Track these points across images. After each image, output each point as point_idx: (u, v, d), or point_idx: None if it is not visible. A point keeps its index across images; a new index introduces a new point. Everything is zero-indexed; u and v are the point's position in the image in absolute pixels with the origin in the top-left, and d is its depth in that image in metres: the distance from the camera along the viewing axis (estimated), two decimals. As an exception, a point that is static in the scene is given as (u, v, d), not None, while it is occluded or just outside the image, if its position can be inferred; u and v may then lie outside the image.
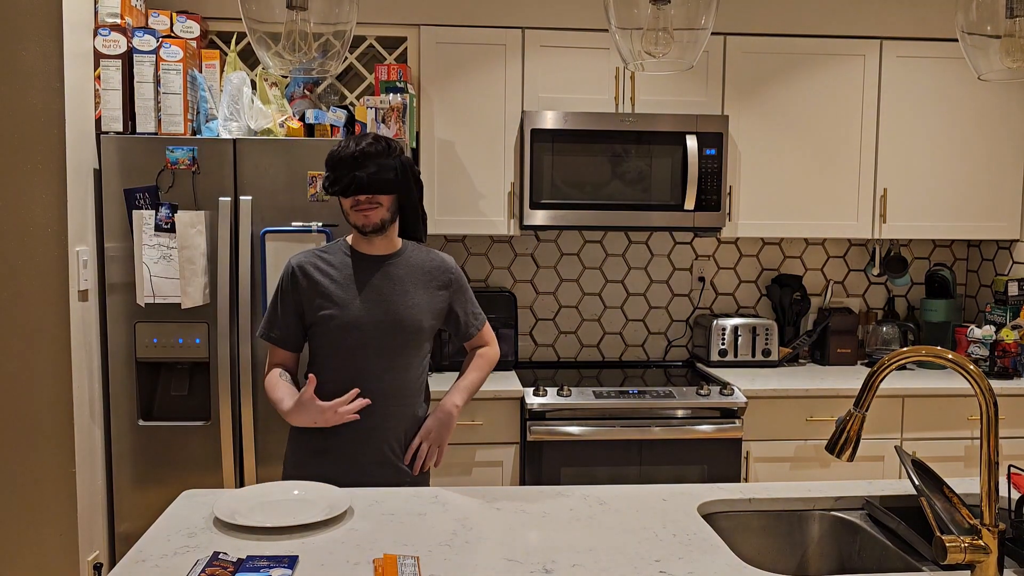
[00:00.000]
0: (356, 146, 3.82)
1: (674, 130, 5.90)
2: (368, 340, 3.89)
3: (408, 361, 3.97)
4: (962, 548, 2.50)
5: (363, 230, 3.90)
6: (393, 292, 3.94)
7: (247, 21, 3.17)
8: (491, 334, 4.36)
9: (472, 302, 4.25)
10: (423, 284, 4.01)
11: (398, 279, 3.97)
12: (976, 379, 2.53)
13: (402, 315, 3.91)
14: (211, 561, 2.72)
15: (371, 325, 3.89)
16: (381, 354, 3.90)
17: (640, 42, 3.16)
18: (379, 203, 3.86)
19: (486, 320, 4.33)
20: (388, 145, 3.88)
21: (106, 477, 5.18)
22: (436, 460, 4.06)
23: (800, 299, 6.69)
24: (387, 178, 3.84)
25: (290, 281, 3.99)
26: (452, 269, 4.13)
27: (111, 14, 5.09)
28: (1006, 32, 3.15)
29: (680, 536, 3.04)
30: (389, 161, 3.86)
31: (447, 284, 4.10)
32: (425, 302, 4.00)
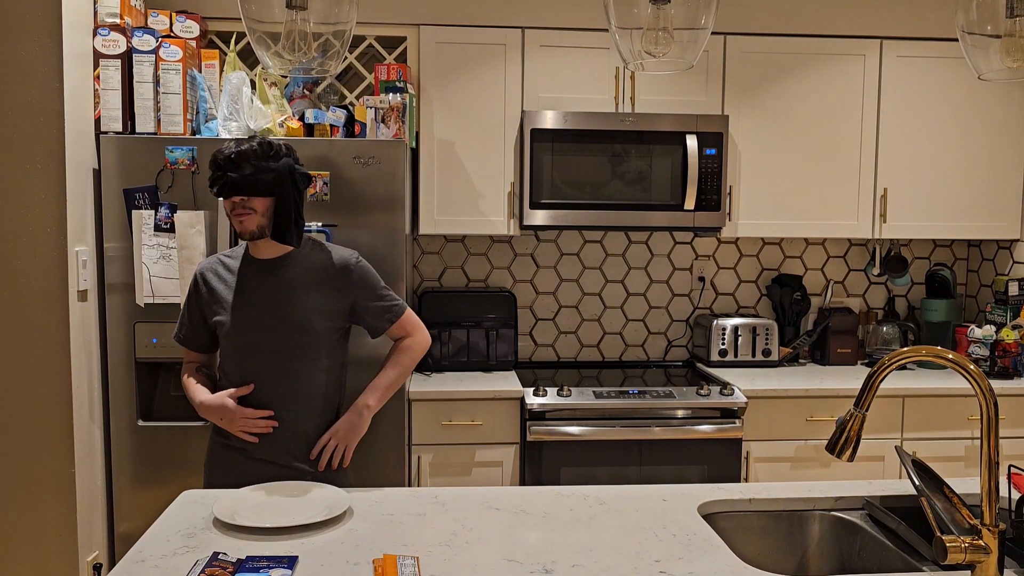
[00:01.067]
0: (236, 147, 3.79)
1: (674, 130, 5.90)
2: (255, 345, 3.90)
3: (300, 366, 3.93)
4: (962, 548, 2.49)
5: (241, 236, 3.89)
6: (280, 295, 3.91)
7: (247, 21, 3.16)
8: (413, 322, 4.21)
9: (380, 295, 4.10)
10: (316, 284, 3.96)
11: (287, 281, 3.94)
12: (976, 379, 2.53)
13: (289, 318, 3.89)
14: (211, 561, 2.72)
15: (255, 330, 3.89)
16: (270, 359, 3.90)
17: (640, 42, 3.16)
18: (252, 209, 3.82)
19: (405, 308, 4.18)
20: (270, 147, 3.84)
21: (105, 477, 5.18)
22: (344, 461, 4.01)
23: (800, 299, 6.69)
24: (261, 180, 3.80)
25: (193, 287, 4.05)
26: (349, 265, 4.03)
27: (110, 14, 5.09)
28: (1006, 32, 3.15)
29: (680, 536, 3.04)
30: (266, 163, 3.81)
31: (343, 282, 4.00)
32: (316, 303, 3.94)
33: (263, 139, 3.83)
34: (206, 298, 3.98)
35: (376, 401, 4.04)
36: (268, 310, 3.88)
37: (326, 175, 5.04)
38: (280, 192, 3.83)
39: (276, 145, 3.86)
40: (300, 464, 3.91)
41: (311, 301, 3.91)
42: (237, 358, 3.92)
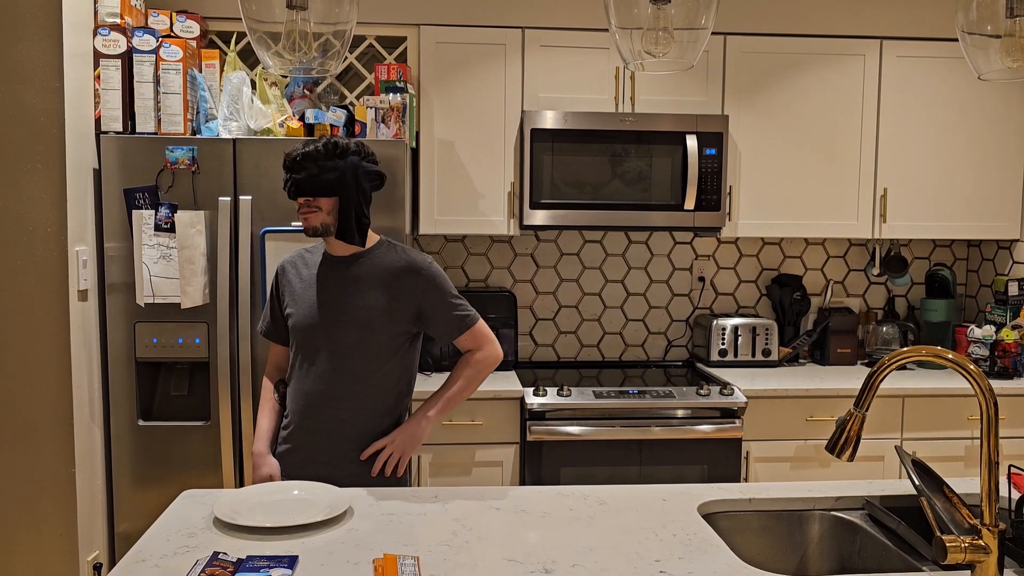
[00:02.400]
0: (302, 147, 3.84)
1: (674, 130, 5.90)
2: (315, 339, 3.94)
3: (359, 365, 3.93)
4: (962, 548, 2.50)
5: (305, 232, 3.92)
6: (346, 293, 3.93)
7: (247, 21, 3.17)
8: (485, 334, 4.14)
9: (449, 303, 4.05)
10: (383, 285, 3.94)
11: (356, 280, 3.95)
12: (976, 379, 2.53)
13: (350, 315, 3.91)
14: (211, 561, 2.72)
15: (317, 325, 3.92)
16: (329, 355, 3.93)
17: (640, 42, 3.16)
18: (317, 207, 3.86)
19: (477, 320, 4.12)
20: (336, 147, 3.86)
21: (106, 477, 5.18)
22: (398, 470, 3.99)
23: (800, 299, 6.69)
24: (324, 180, 3.82)
25: (274, 280, 4.16)
26: (420, 269, 4.00)
27: (111, 14, 5.09)
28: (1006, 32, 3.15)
29: (680, 536, 3.04)
30: (331, 163, 3.84)
31: (411, 284, 3.97)
32: (380, 303, 3.92)
33: (330, 139, 3.86)
34: (282, 291, 4.09)
35: (436, 412, 4.04)
36: (331, 306, 3.92)
37: (326, 175, 5.04)
38: (343, 192, 3.85)
39: (343, 144, 3.88)
40: (352, 466, 3.93)
41: (375, 300, 3.91)
42: (299, 352, 3.98)
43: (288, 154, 3.86)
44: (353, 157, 3.88)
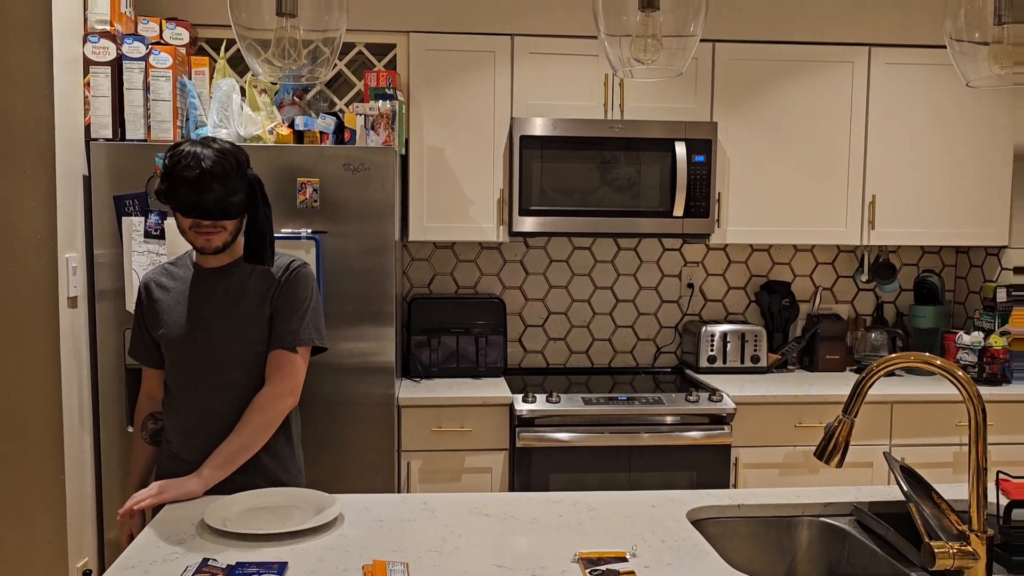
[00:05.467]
0: (201, 163, 3.54)
1: (663, 137, 5.92)
2: (192, 356, 3.78)
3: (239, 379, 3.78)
4: (950, 554, 2.50)
5: (202, 251, 3.75)
6: (223, 305, 3.77)
7: (237, 28, 3.17)
8: (293, 367, 3.78)
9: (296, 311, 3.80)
10: (262, 296, 3.79)
11: (230, 290, 3.79)
12: (964, 385, 2.54)
13: (231, 330, 3.76)
14: (200, 568, 2.72)
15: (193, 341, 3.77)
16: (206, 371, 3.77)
17: (629, 49, 3.16)
18: (223, 227, 3.67)
19: (306, 345, 3.81)
20: (237, 162, 3.64)
21: (95, 483, 5.17)
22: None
23: (789, 305, 6.70)
24: (235, 201, 3.63)
25: (138, 299, 3.93)
26: (287, 268, 3.84)
27: (100, 21, 5.09)
28: (994, 39, 3.16)
29: (669, 542, 3.04)
30: (237, 182, 3.63)
31: (277, 287, 3.79)
32: (263, 313, 3.78)
33: (224, 149, 3.63)
34: (148, 310, 3.86)
35: (212, 470, 3.61)
36: (209, 320, 3.76)
37: (316, 182, 5.04)
38: (252, 210, 3.71)
39: (241, 155, 3.69)
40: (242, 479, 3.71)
41: (254, 311, 3.78)
42: (175, 369, 3.82)
43: (179, 165, 3.57)
44: (251, 171, 3.73)
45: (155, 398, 4.02)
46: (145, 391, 4.03)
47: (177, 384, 3.84)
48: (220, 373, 3.77)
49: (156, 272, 3.92)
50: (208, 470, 3.60)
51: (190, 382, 3.80)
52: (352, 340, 5.14)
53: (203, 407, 3.78)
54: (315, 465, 5.11)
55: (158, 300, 3.84)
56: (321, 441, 5.19)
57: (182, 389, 3.82)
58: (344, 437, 5.21)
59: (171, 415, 3.88)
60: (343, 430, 5.21)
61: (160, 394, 4.00)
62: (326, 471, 5.18)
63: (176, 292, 3.83)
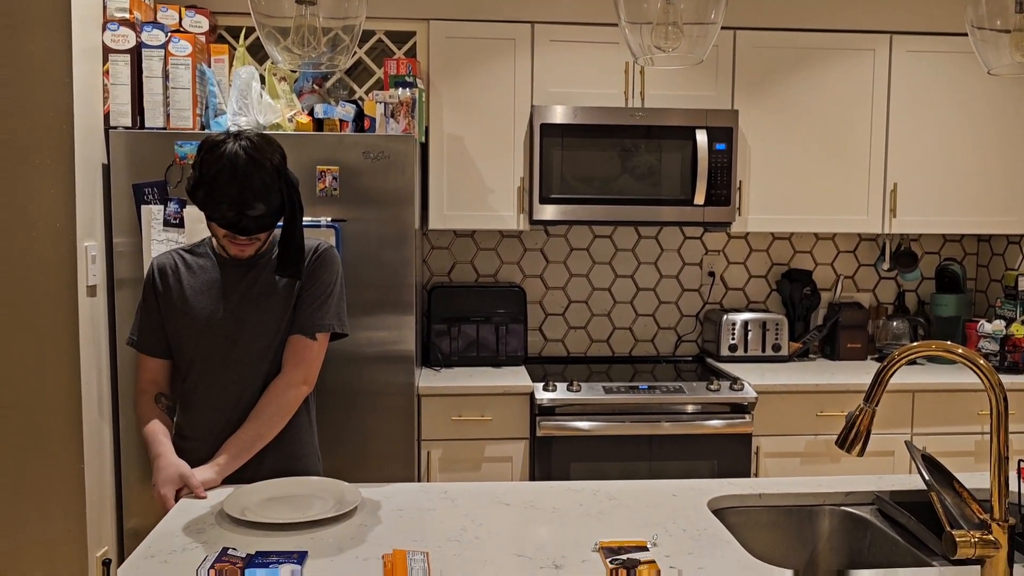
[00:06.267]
0: (246, 182, 3.43)
1: (684, 125, 5.90)
2: (221, 350, 3.72)
3: (271, 371, 3.75)
4: (972, 543, 2.49)
5: (235, 257, 3.70)
6: (250, 297, 3.72)
7: (256, 16, 3.16)
8: (312, 354, 3.75)
9: (322, 298, 3.76)
10: (288, 283, 3.73)
11: (261, 282, 3.74)
12: (986, 374, 2.53)
13: (260, 322, 3.71)
14: (220, 557, 2.72)
15: (225, 334, 3.71)
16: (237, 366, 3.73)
17: (650, 36, 3.15)
18: (259, 238, 3.64)
19: (326, 331, 3.78)
20: (277, 172, 3.54)
21: (115, 473, 5.17)
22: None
23: (810, 294, 6.68)
24: (274, 212, 3.55)
25: (149, 285, 3.82)
26: (313, 251, 3.78)
27: (120, 8, 5.09)
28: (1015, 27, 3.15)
29: (690, 531, 3.04)
30: (276, 195, 3.53)
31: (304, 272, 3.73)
32: (291, 304, 3.74)
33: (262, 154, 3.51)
34: (165, 297, 3.77)
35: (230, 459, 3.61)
36: (240, 313, 3.72)
37: (335, 170, 5.04)
38: (289, 218, 3.61)
39: (277, 159, 3.58)
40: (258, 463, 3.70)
41: (285, 301, 3.74)
42: (198, 361, 3.75)
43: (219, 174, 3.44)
44: (287, 177, 3.61)
45: (160, 385, 3.86)
46: (149, 379, 3.86)
47: (200, 377, 3.77)
48: (250, 365, 3.73)
49: (170, 257, 3.82)
50: (224, 459, 3.58)
51: (215, 376, 3.74)
52: (372, 329, 5.14)
53: (229, 400, 3.74)
54: (334, 454, 5.11)
55: (175, 288, 3.75)
56: (341, 430, 5.19)
57: (206, 384, 3.76)
58: (364, 426, 5.21)
59: (189, 409, 3.82)
60: (363, 419, 5.21)
61: (164, 382, 3.88)
62: (346, 460, 5.18)
63: (201, 281, 3.76)
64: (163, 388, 3.87)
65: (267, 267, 3.75)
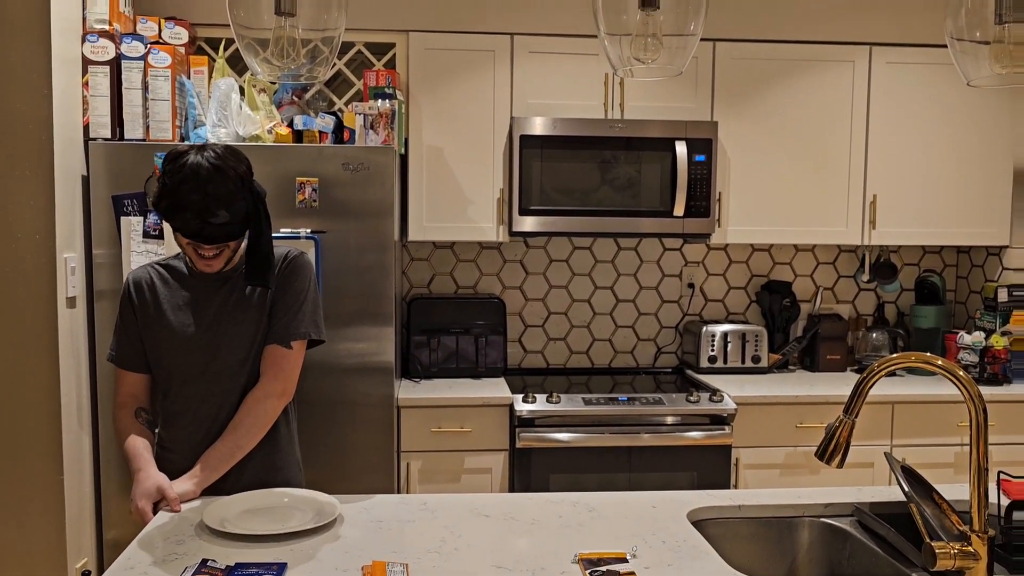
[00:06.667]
0: (206, 188, 3.38)
1: (663, 136, 5.91)
2: (199, 364, 3.69)
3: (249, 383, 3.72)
4: (952, 554, 2.50)
5: (203, 271, 3.65)
6: (226, 310, 3.69)
7: (235, 27, 3.16)
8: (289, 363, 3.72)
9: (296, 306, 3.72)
10: (262, 294, 3.70)
11: (237, 294, 3.70)
12: (965, 385, 2.53)
13: (237, 335, 3.69)
14: (200, 568, 2.71)
15: (202, 349, 3.69)
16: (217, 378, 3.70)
17: (629, 48, 3.16)
18: (226, 245, 3.57)
19: (303, 339, 3.74)
20: (242, 180, 3.48)
21: (94, 484, 5.16)
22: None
23: (790, 305, 6.69)
24: (239, 221, 3.49)
25: (127, 300, 3.78)
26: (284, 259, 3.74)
27: (99, 20, 5.08)
28: (995, 38, 3.15)
29: (670, 543, 3.04)
30: (241, 203, 3.48)
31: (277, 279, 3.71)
32: (264, 314, 3.71)
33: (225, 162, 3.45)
34: (141, 311, 3.74)
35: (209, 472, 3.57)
36: (216, 327, 3.68)
37: (315, 182, 5.03)
38: (255, 228, 3.57)
39: (240, 171, 3.50)
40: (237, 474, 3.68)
41: (260, 313, 3.71)
42: (177, 375, 3.73)
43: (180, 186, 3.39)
44: (252, 186, 3.55)
45: (139, 399, 3.82)
46: (128, 392, 3.82)
47: (180, 391, 3.74)
48: (229, 378, 3.71)
49: (146, 272, 3.79)
50: (202, 471, 3.55)
51: (194, 390, 3.72)
52: (351, 340, 5.14)
53: (209, 413, 3.72)
54: (314, 465, 5.10)
55: (151, 302, 3.72)
56: (320, 441, 5.18)
57: (185, 397, 3.73)
58: (343, 437, 5.21)
59: (170, 423, 3.79)
60: (342, 430, 5.20)
61: (144, 397, 3.85)
62: (325, 471, 5.17)
63: (177, 296, 3.73)
64: (142, 402, 3.84)
65: (240, 280, 3.72)
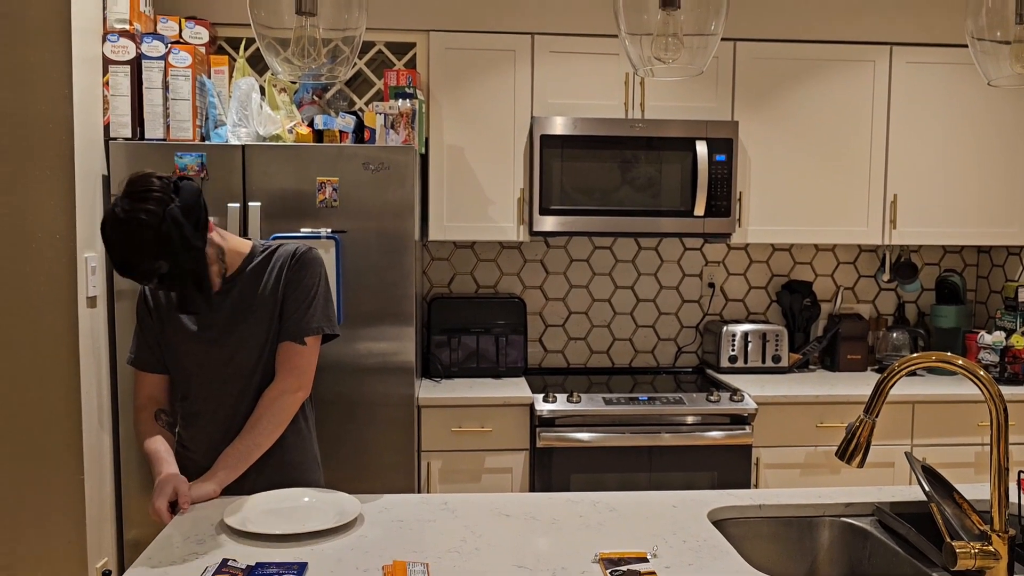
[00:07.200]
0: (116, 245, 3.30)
1: (684, 136, 5.90)
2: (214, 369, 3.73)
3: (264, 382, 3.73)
4: (972, 554, 2.49)
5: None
6: (234, 318, 3.69)
7: (256, 27, 3.16)
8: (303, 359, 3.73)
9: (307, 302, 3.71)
10: (270, 295, 3.70)
11: (241, 301, 3.70)
12: (986, 385, 2.53)
13: (246, 339, 3.70)
14: (220, 568, 2.72)
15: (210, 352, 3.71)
16: (232, 380, 3.73)
17: (650, 48, 3.15)
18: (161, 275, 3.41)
19: (318, 334, 3.73)
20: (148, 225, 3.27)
21: (115, 483, 5.17)
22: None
23: (810, 305, 6.68)
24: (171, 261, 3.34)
25: (142, 303, 3.81)
26: (293, 255, 3.74)
27: (120, 20, 5.09)
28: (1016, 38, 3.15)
29: (690, 542, 3.03)
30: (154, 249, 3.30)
31: (283, 278, 3.70)
32: (272, 312, 3.71)
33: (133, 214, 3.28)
34: (156, 314, 3.77)
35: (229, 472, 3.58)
36: (224, 332, 3.69)
37: (335, 181, 5.04)
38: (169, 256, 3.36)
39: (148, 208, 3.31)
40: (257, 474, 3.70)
41: (269, 312, 3.70)
42: (193, 377, 3.75)
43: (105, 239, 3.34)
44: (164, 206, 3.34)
45: (159, 401, 3.86)
46: (147, 394, 3.85)
47: (198, 392, 3.77)
48: (244, 377, 3.72)
49: None
50: (223, 471, 3.56)
51: (212, 390, 3.74)
52: (372, 340, 5.14)
53: (227, 412, 3.74)
54: (334, 465, 5.11)
55: (166, 306, 3.75)
56: (341, 441, 5.19)
57: (203, 398, 3.76)
58: (364, 437, 5.21)
59: (190, 423, 3.82)
60: (363, 430, 5.21)
61: (163, 398, 3.87)
62: (346, 471, 5.17)
63: None
64: (162, 404, 3.86)
65: (248, 279, 3.72)
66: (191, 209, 3.40)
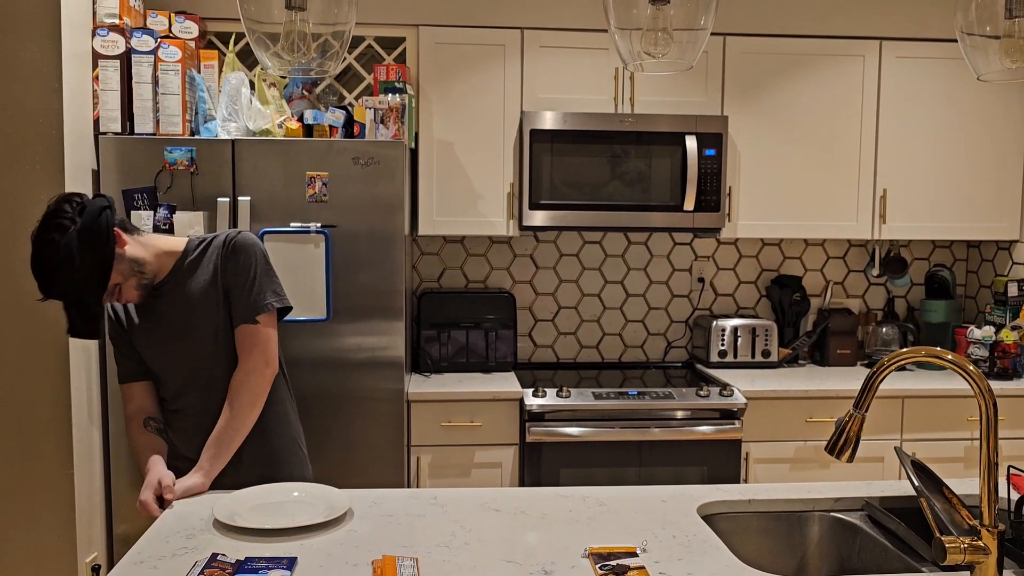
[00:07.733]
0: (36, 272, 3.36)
1: (673, 131, 5.90)
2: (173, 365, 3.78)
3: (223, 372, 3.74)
4: (962, 549, 2.49)
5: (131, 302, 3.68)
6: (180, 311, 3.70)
7: (245, 21, 3.16)
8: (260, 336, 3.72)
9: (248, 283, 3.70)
10: (210, 284, 3.69)
11: (180, 304, 3.70)
12: (975, 380, 2.53)
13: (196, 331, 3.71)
14: (209, 562, 2.72)
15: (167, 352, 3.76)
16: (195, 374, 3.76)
17: (639, 42, 3.15)
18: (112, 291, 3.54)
19: (267, 309, 3.72)
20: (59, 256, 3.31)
21: (104, 478, 5.16)
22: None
23: (800, 300, 6.69)
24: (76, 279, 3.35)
25: (109, 319, 3.85)
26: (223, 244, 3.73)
27: (109, 14, 5.08)
28: (1005, 33, 3.15)
29: (680, 537, 3.03)
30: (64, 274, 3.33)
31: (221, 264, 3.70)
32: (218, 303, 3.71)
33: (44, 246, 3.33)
34: (120, 325, 3.83)
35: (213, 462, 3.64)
36: (172, 335, 3.72)
37: (325, 176, 5.04)
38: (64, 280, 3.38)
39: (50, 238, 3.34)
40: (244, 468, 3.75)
41: (212, 306, 3.71)
42: (162, 379, 3.82)
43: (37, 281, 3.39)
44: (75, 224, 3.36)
45: (147, 410, 3.88)
46: (136, 405, 3.88)
47: (173, 394, 3.82)
48: (204, 370, 3.75)
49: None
50: (208, 463, 3.62)
51: (182, 389, 3.79)
52: (361, 335, 5.14)
53: (198, 408, 3.78)
54: (324, 460, 5.10)
55: (125, 316, 3.82)
56: (330, 436, 5.19)
57: (177, 397, 3.81)
58: (353, 432, 5.21)
59: (173, 425, 3.87)
60: (352, 425, 5.21)
61: (151, 406, 3.90)
62: (335, 466, 5.17)
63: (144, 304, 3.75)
64: (150, 412, 3.89)
65: (185, 275, 3.72)
66: (89, 231, 3.38)
